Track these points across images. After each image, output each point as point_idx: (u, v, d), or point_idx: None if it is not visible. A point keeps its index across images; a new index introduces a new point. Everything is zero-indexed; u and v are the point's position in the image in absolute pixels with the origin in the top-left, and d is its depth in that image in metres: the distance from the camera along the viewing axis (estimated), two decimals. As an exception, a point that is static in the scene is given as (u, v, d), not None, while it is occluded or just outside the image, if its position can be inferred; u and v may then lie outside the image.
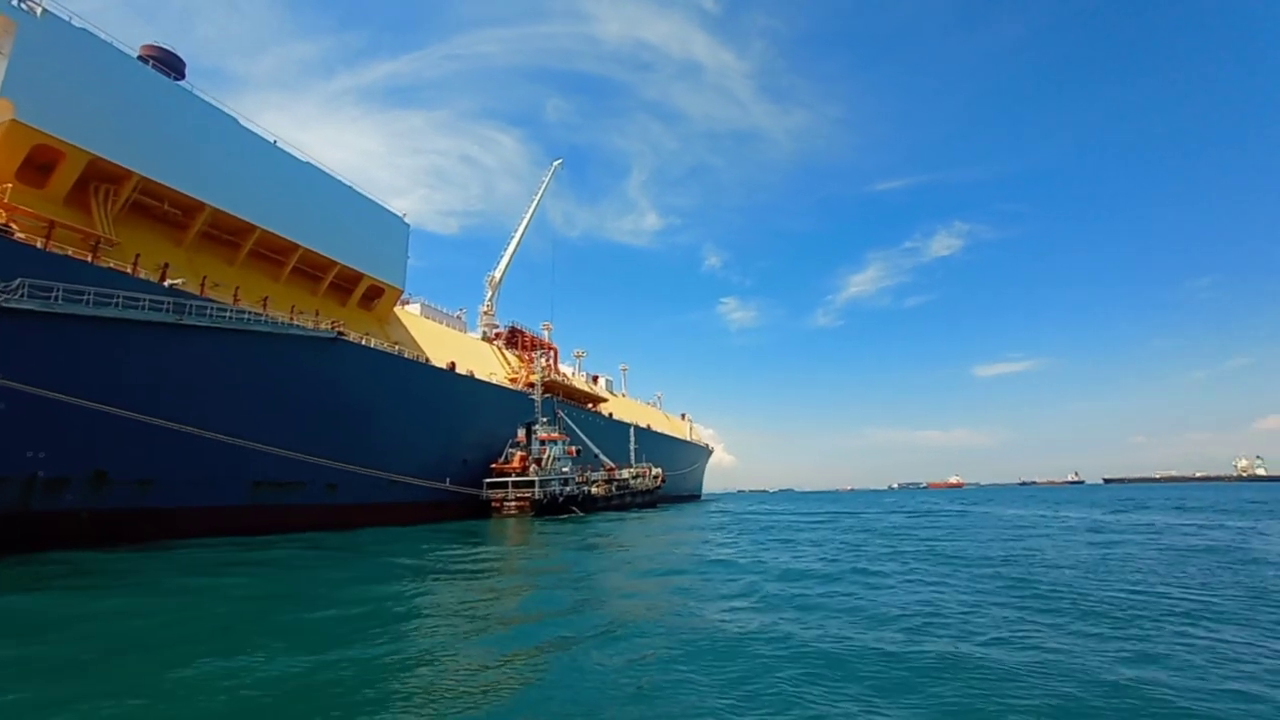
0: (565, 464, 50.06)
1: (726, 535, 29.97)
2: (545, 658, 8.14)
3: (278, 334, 31.92)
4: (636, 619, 10.25)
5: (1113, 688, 6.46)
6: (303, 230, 37.83)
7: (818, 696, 6.37)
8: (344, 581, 15.44)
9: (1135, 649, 8.03)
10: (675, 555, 21.02)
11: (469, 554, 21.99)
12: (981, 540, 24.73)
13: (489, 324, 64.77)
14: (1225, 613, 10.20)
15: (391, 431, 39.46)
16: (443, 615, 10.98)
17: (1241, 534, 24.87)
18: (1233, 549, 19.59)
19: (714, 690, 6.66)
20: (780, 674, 7.08)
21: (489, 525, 38.03)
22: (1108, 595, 11.75)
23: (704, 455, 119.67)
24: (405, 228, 46.37)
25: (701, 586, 13.94)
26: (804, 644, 8.26)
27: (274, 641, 8.79)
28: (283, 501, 31.92)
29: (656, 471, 70.40)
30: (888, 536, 27.50)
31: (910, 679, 6.88)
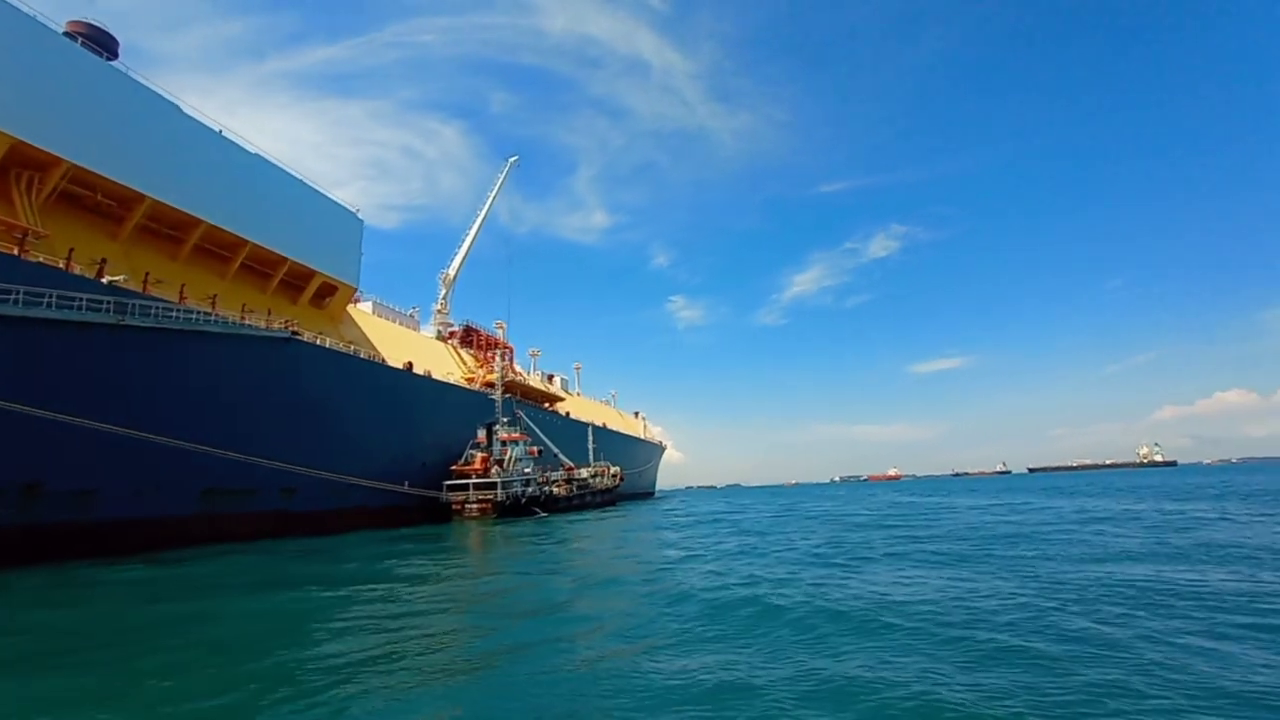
0: (527, 464, 49.68)
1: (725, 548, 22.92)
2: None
3: (230, 334, 30.33)
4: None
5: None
6: (251, 225, 36.01)
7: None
8: (329, 602, 14.98)
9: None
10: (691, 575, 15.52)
11: (445, 562, 21.66)
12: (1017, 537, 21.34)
13: (443, 323, 63.34)
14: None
15: (348, 435, 38.16)
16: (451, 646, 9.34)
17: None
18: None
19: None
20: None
21: (451, 529, 37.38)
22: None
23: (658, 453, 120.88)
24: (359, 223, 44.79)
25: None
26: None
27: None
28: (235, 510, 30.41)
29: (615, 470, 70.73)
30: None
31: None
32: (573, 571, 17.36)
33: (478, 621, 11.21)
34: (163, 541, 26.87)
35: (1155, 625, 8.74)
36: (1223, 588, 11.18)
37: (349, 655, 8.53)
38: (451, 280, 64.56)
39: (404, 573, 17.91)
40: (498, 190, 68.56)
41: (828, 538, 24.11)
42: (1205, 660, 7.20)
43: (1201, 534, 19.77)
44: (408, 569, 18.78)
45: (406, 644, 9.12)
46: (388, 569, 18.84)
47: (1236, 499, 36.70)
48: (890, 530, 26.53)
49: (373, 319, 49.76)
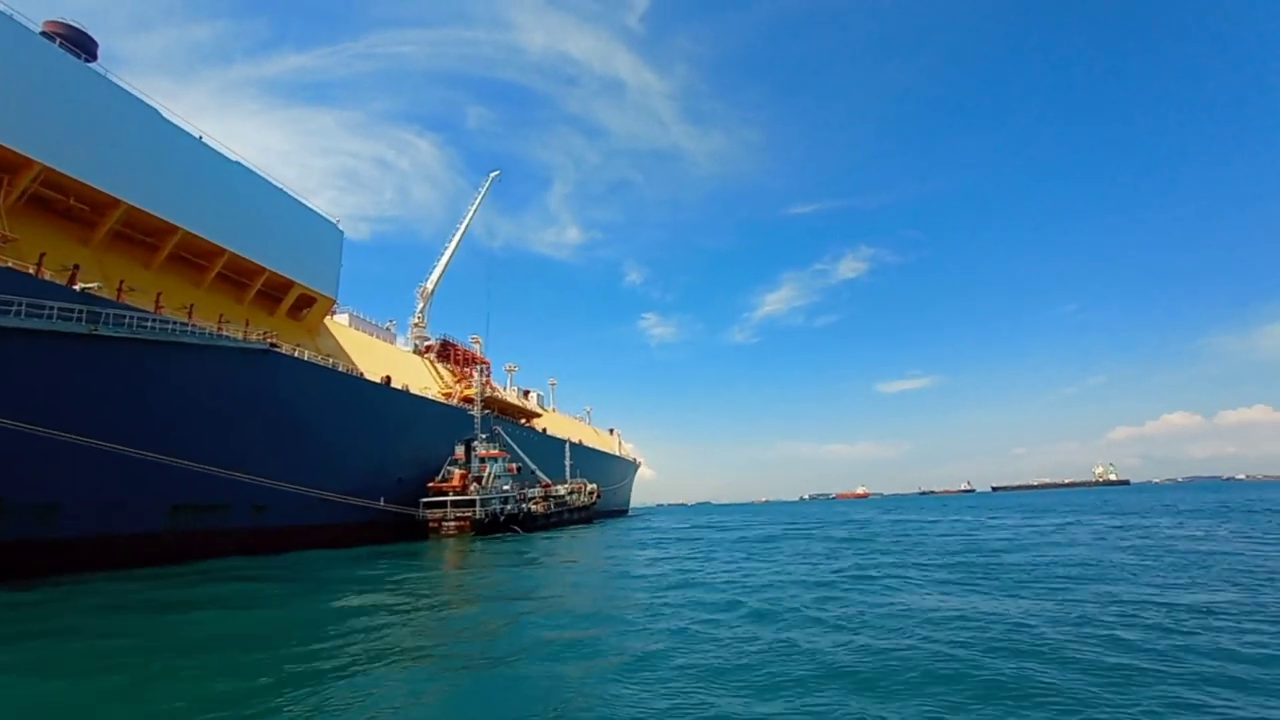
0: (506, 482, 49.11)
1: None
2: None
3: (207, 346, 29.51)
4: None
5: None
6: (230, 234, 35.23)
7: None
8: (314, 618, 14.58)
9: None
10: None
11: (426, 583, 21.26)
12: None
13: (420, 336, 62.52)
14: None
15: (325, 449, 37.26)
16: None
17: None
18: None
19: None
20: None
21: (428, 547, 36.62)
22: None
23: (632, 470, 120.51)
24: (339, 234, 44.18)
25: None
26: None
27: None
28: (206, 526, 29.34)
29: (592, 487, 70.35)
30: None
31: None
32: (567, 600, 15.65)
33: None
34: (130, 559, 25.74)
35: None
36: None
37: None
38: (429, 294, 63.88)
39: (386, 596, 17.57)
40: (478, 204, 68.49)
41: (869, 560, 21.88)
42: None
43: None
44: (390, 589, 18.42)
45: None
46: (370, 585, 18.46)
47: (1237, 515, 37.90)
48: (932, 552, 24.16)
49: (349, 331, 48.90)
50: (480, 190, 68.75)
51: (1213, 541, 23.83)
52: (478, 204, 68.31)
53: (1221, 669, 7.58)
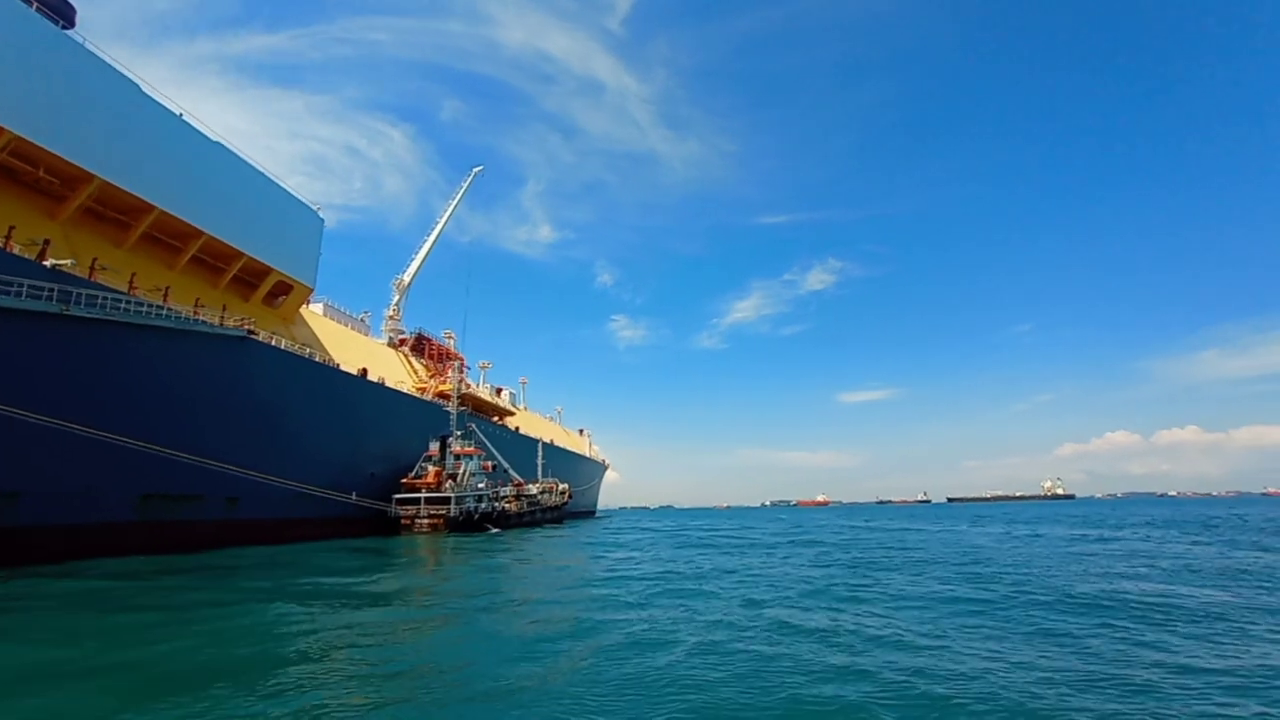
0: (481, 480, 48.69)
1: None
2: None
3: (183, 330, 28.57)
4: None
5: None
6: (207, 215, 34.14)
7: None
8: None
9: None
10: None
11: (406, 584, 20.77)
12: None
13: (395, 329, 61.42)
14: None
15: (299, 442, 36.40)
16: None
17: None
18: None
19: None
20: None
21: (402, 543, 36.06)
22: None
23: (601, 471, 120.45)
24: (319, 222, 43.22)
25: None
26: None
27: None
28: (177, 517, 28.35)
29: (563, 487, 70.16)
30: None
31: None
32: (560, 604, 14.41)
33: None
34: (96, 550, 24.73)
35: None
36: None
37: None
38: (406, 286, 62.83)
39: (369, 589, 17.44)
40: (459, 199, 67.68)
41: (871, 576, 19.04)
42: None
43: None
44: (379, 593, 18.25)
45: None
46: (359, 587, 18.27)
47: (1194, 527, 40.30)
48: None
49: (324, 321, 47.79)
50: (462, 185, 68.04)
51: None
52: (459, 199, 67.60)
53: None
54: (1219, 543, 29.14)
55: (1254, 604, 13.02)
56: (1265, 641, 9.81)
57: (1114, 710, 6.66)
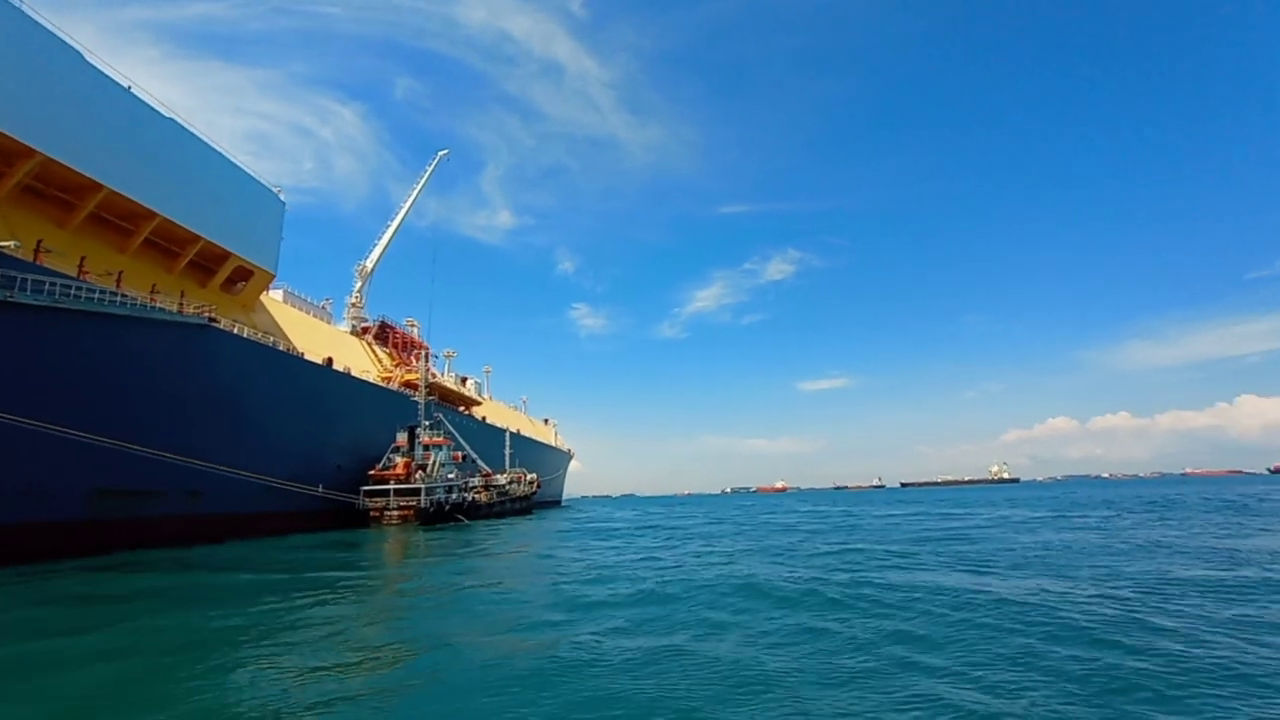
0: (451, 470, 48.07)
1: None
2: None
3: (140, 318, 27.13)
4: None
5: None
6: (161, 196, 32.30)
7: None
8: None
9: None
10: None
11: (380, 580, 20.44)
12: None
13: (357, 317, 59.64)
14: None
15: (265, 433, 35.18)
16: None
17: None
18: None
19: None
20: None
21: (372, 536, 35.40)
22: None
23: (566, 461, 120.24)
24: (280, 205, 41.45)
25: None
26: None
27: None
28: (135, 514, 27.08)
29: (531, 477, 69.79)
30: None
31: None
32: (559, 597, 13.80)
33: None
34: (45, 550, 23.43)
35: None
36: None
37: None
38: (369, 273, 61.00)
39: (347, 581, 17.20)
40: (423, 183, 65.86)
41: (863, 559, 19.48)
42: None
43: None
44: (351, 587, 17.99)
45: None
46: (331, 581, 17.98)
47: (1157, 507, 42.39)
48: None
49: (286, 309, 46.01)
50: (426, 169, 66.21)
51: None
52: (422, 183, 65.77)
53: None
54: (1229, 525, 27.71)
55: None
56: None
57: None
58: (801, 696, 6.89)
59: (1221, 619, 10.07)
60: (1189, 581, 13.60)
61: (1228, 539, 21.98)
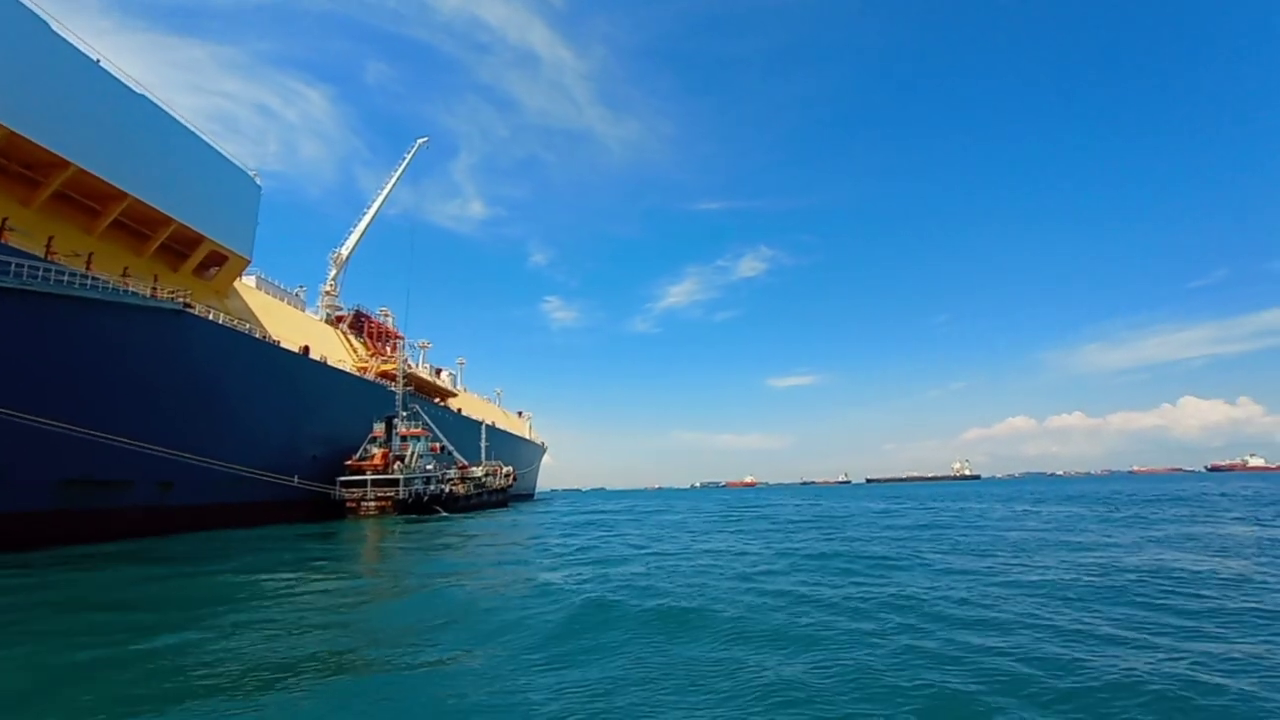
0: (429, 461, 47.62)
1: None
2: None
3: (112, 302, 26.22)
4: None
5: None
6: (131, 176, 31.19)
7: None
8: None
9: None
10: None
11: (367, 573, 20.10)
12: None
13: (332, 305, 58.34)
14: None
15: (239, 423, 34.37)
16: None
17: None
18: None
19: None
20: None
21: (349, 527, 34.96)
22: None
23: (540, 454, 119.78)
24: (256, 189, 40.29)
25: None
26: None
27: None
28: (103, 504, 26.25)
29: (508, 470, 69.40)
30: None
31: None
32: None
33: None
34: (7, 542, 22.58)
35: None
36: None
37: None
38: (344, 260, 59.67)
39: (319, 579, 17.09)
40: (401, 171, 64.57)
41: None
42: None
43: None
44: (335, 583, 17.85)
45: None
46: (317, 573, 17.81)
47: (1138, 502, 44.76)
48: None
49: (259, 295, 44.81)
50: (405, 156, 64.94)
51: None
52: (401, 170, 64.47)
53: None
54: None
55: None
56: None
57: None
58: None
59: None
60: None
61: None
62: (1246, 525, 25.27)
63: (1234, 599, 10.99)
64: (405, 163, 64.87)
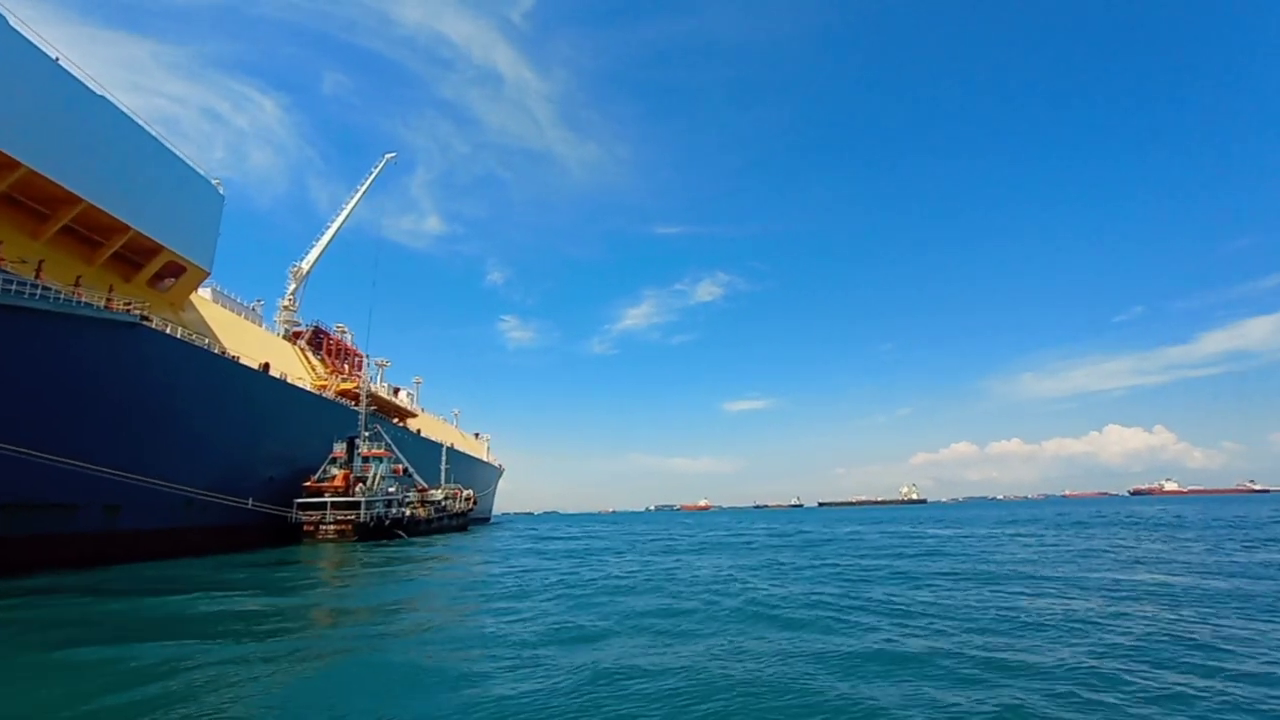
0: (391, 484, 46.02)
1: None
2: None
3: (61, 314, 24.60)
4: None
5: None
6: (85, 180, 29.53)
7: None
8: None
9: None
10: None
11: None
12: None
13: (290, 321, 56.19)
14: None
15: (193, 443, 32.51)
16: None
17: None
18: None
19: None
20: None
21: (306, 552, 33.24)
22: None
23: (497, 476, 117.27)
24: (219, 198, 38.72)
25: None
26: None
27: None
28: (43, 530, 24.24)
29: (468, 493, 67.85)
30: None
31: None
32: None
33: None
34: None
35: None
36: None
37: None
38: (304, 275, 57.74)
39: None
40: (367, 185, 63.31)
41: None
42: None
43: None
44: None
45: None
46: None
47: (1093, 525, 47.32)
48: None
49: (215, 309, 42.76)
50: (372, 171, 63.75)
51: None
52: (366, 185, 63.19)
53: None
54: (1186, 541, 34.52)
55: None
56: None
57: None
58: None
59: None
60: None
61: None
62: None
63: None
64: (371, 178, 63.75)
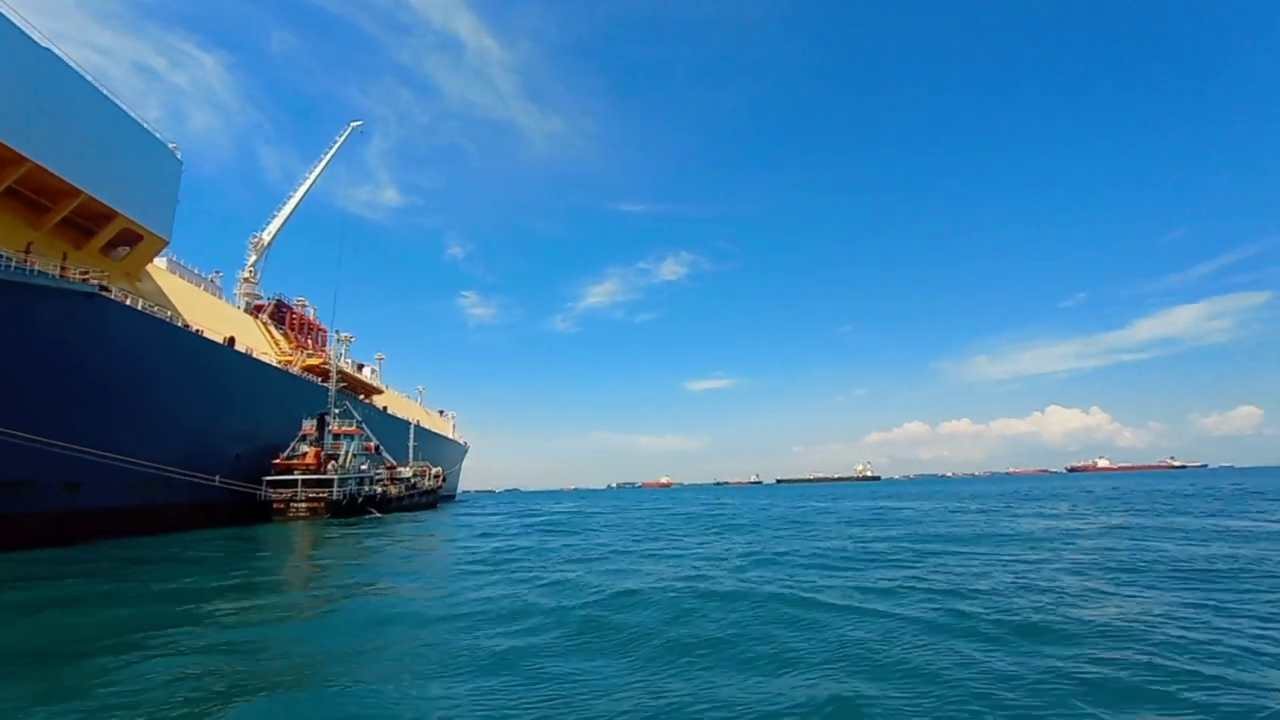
0: (363, 461, 45.36)
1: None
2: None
3: (13, 282, 23.26)
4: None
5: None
6: (31, 139, 27.67)
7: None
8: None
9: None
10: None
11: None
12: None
13: (251, 294, 54.11)
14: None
15: (156, 419, 31.37)
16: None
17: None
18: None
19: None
20: None
21: (276, 531, 32.69)
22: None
23: (463, 454, 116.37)
24: (177, 164, 36.78)
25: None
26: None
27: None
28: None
29: (436, 470, 67.41)
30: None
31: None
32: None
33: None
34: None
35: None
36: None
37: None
38: (265, 246, 55.48)
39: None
40: (331, 155, 60.87)
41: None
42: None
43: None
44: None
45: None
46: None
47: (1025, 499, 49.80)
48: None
49: (173, 279, 40.86)
50: (336, 140, 61.25)
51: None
52: (331, 154, 60.75)
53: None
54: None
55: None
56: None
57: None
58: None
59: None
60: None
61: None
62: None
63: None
64: (336, 146, 61.31)
